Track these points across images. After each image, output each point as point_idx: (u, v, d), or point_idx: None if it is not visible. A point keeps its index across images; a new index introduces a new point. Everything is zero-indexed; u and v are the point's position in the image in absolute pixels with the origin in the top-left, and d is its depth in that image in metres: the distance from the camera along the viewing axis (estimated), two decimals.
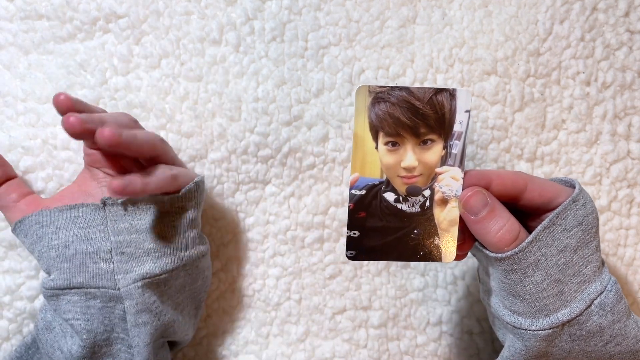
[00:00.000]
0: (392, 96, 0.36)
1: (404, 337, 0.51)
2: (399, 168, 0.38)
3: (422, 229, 0.39)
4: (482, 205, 0.37)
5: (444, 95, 0.37)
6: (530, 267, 0.37)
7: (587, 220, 0.38)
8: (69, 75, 0.48)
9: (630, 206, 0.52)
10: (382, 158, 0.37)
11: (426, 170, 0.38)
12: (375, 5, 0.51)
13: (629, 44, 0.52)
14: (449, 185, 0.38)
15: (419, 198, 0.38)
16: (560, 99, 0.51)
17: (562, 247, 0.37)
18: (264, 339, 0.51)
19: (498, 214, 0.37)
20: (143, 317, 0.40)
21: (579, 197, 0.38)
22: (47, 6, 0.48)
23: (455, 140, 0.37)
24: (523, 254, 0.36)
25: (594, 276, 0.38)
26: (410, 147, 0.37)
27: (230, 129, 0.49)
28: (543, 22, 0.51)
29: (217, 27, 0.49)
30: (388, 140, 0.37)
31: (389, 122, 0.37)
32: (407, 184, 0.38)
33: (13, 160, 0.47)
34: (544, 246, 0.37)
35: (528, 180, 0.38)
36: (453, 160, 0.38)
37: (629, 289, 0.52)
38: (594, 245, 0.38)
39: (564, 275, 0.37)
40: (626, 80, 0.51)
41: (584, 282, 0.37)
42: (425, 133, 0.37)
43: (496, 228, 0.36)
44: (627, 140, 0.52)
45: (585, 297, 0.37)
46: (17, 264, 0.47)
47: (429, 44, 0.51)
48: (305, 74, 0.50)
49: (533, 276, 0.37)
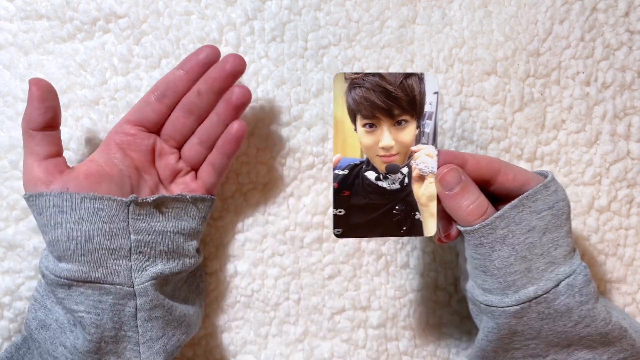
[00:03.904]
0: (366, 82, 0.39)
1: (403, 337, 0.51)
2: (378, 148, 0.40)
3: (403, 204, 0.41)
4: (456, 181, 0.39)
5: (413, 79, 0.39)
6: (498, 241, 0.39)
7: (558, 206, 0.40)
8: (69, 76, 0.48)
9: (630, 206, 0.52)
10: (362, 139, 0.40)
11: (402, 149, 0.40)
12: (375, 6, 0.51)
13: (628, 44, 0.52)
14: (424, 163, 0.40)
15: (398, 175, 0.41)
16: (560, 99, 0.51)
17: (530, 227, 0.39)
18: (262, 339, 0.51)
19: (470, 191, 0.39)
20: (156, 312, 0.41)
21: (551, 185, 0.40)
22: (47, 6, 0.48)
23: (427, 120, 0.40)
24: (490, 227, 0.38)
25: (563, 259, 0.39)
26: (386, 127, 0.40)
27: None
28: (543, 22, 0.51)
29: (217, 27, 0.49)
30: (365, 122, 0.40)
31: (365, 106, 0.39)
32: (386, 163, 0.40)
33: (13, 161, 0.47)
34: (512, 224, 0.39)
35: (502, 165, 0.40)
36: (426, 138, 0.40)
37: (628, 290, 0.52)
38: (564, 231, 0.40)
39: (531, 253, 0.39)
40: (626, 80, 0.51)
41: (553, 264, 0.39)
42: (399, 114, 0.40)
43: (467, 203, 0.39)
44: (627, 141, 0.51)
45: (554, 277, 0.39)
46: (17, 264, 0.47)
47: (428, 44, 0.51)
48: (305, 74, 0.50)
49: (500, 250, 0.39)
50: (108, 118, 0.48)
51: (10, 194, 0.47)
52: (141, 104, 0.44)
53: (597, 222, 0.51)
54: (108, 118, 0.48)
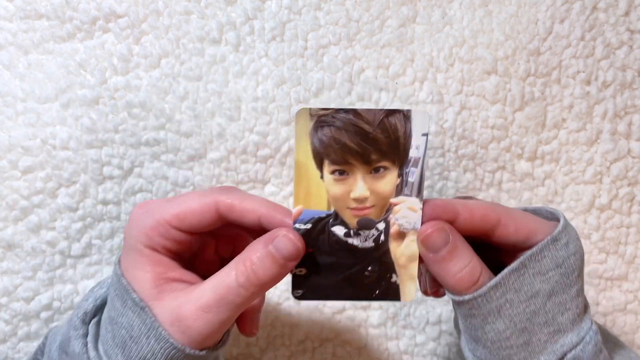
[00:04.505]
0: (337, 119, 0.32)
1: (403, 336, 0.51)
2: (349, 199, 0.34)
3: (377, 265, 0.35)
4: (442, 243, 0.33)
5: (397, 117, 0.33)
6: (492, 313, 0.33)
7: (568, 263, 0.34)
8: (69, 75, 0.48)
9: (631, 204, 0.52)
10: (329, 188, 0.34)
11: (379, 201, 0.34)
12: (375, 5, 0.50)
13: (629, 43, 0.52)
14: (406, 217, 0.34)
15: (372, 232, 0.34)
16: (560, 98, 0.51)
17: (533, 293, 0.33)
18: (263, 340, 0.50)
19: (459, 254, 0.33)
20: None
21: (561, 236, 0.34)
22: (46, 6, 0.48)
23: (411, 167, 0.33)
24: (483, 299, 0.33)
25: (571, 325, 0.34)
26: (361, 175, 0.33)
27: (230, 128, 0.49)
28: (543, 22, 0.51)
29: (216, 27, 0.49)
30: (335, 169, 0.33)
31: (334, 149, 0.33)
32: (358, 217, 0.34)
33: (12, 160, 0.47)
34: (510, 291, 0.33)
35: (502, 214, 0.34)
36: (410, 189, 0.34)
37: (629, 287, 0.52)
38: (574, 290, 0.34)
39: (532, 324, 0.33)
40: (626, 79, 0.51)
41: (558, 332, 0.33)
42: (376, 160, 0.33)
43: (455, 270, 0.33)
44: (628, 139, 0.51)
45: (558, 348, 0.33)
46: (15, 264, 0.47)
47: (429, 44, 0.51)
48: (305, 73, 0.50)
49: (494, 323, 0.33)
50: (108, 118, 0.48)
51: (9, 194, 0.47)
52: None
53: (598, 221, 0.51)
54: (108, 118, 0.48)
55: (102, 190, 0.48)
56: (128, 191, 0.48)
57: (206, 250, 0.39)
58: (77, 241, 0.48)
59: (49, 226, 0.47)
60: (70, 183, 0.47)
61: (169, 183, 0.49)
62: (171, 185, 0.49)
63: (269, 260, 0.33)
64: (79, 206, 0.47)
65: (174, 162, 0.49)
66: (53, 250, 0.47)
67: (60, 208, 0.47)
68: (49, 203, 0.47)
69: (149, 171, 0.48)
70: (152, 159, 0.48)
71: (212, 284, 0.33)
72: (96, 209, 0.48)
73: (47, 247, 0.47)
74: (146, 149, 0.48)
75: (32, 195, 0.47)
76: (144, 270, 0.34)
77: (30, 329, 0.47)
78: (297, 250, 0.33)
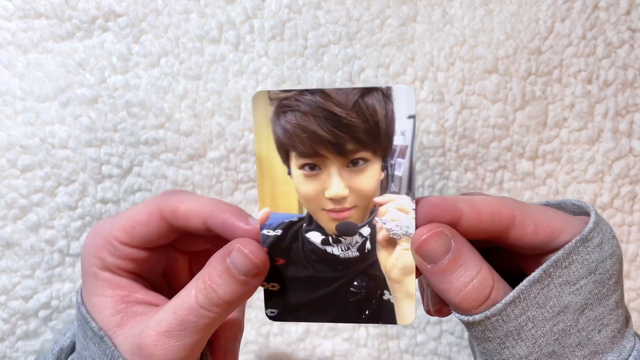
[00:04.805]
0: (302, 103, 0.27)
1: (404, 335, 0.51)
2: (323, 199, 0.28)
3: (364, 279, 0.29)
4: (442, 251, 0.27)
5: (375, 96, 0.26)
6: (510, 335, 0.27)
7: (604, 268, 0.27)
8: (68, 74, 0.48)
9: (633, 203, 0.51)
10: (299, 187, 0.28)
11: (361, 200, 0.28)
12: (376, 4, 0.50)
13: (630, 42, 0.51)
14: (395, 221, 0.27)
15: (355, 238, 0.28)
16: (561, 97, 0.51)
17: (562, 308, 0.27)
18: (264, 338, 0.50)
19: (464, 263, 0.27)
20: None
21: (593, 235, 0.27)
22: (45, 5, 0.48)
23: (397, 157, 0.27)
24: (498, 319, 0.26)
25: (610, 344, 0.27)
26: (335, 170, 0.28)
27: (230, 127, 0.49)
28: (544, 21, 0.51)
29: (216, 26, 0.49)
30: (304, 163, 0.28)
31: (302, 139, 0.27)
32: (337, 220, 0.28)
33: (11, 159, 0.46)
34: (532, 307, 0.27)
35: (517, 212, 0.27)
36: (398, 185, 0.27)
37: (632, 285, 0.51)
38: (612, 301, 0.28)
39: (562, 346, 0.27)
40: (628, 78, 0.51)
41: (595, 354, 0.27)
42: (353, 150, 0.27)
43: (460, 284, 0.27)
44: (629, 138, 0.51)
45: None
46: (14, 263, 0.47)
47: (429, 43, 0.50)
48: (305, 72, 0.50)
49: (514, 348, 0.27)
50: (107, 117, 0.48)
51: (8, 192, 0.46)
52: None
53: None
54: (107, 117, 0.48)
55: (101, 189, 0.48)
56: (127, 190, 0.48)
57: (179, 269, 0.35)
58: (76, 240, 0.48)
59: (48, 225, 0.47)
60: (69, 182, 0.47)
61: (169, 182, 0.49)
62: (170, 185, 0.49)
63: (227, 277, 0.28)
64: (78, 205, 0.47)
65: (173, 161, 0.49)
66: (52, 248, 0.47)
67: (59, 207, 0.47)
68: (48, 202, 0.47)
69: (148, 170, 0.48)
70: (151, 158, 0.48)
71: (172, 306, 0.29)
72: (95, 208, 0.48)
73: (46, 245, 0.47)
74: (145, 148, 0.48)
75: (31, 193, 0.47)
76: (103, 295, 0.31)
77: (28, 328, 0.47)
78: (255, 266, 0.28)
